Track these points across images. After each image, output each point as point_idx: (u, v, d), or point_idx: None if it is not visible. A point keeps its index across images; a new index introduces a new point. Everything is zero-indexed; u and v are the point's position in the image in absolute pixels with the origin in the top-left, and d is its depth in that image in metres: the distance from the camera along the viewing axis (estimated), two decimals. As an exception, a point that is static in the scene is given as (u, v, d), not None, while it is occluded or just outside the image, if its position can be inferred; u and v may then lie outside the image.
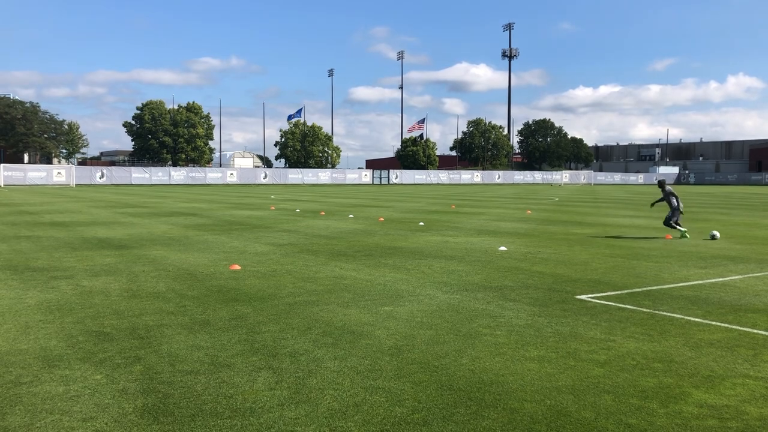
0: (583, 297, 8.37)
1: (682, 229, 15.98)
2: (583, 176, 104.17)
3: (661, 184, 16.83)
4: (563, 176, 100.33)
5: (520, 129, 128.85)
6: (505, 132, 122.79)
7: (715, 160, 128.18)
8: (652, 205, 18.60)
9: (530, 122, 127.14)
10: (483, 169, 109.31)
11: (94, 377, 5.04)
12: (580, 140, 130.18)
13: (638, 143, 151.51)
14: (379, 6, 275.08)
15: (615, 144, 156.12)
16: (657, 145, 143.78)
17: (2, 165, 68.50)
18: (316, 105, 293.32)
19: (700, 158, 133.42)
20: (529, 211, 26.61)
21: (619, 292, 8.70)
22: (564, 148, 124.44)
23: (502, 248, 13.32)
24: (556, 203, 34.94)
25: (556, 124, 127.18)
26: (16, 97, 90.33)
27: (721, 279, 9.88)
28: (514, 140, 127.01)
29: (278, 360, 5.51)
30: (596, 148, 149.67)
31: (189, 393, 4.69)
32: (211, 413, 4.32)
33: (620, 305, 7.86)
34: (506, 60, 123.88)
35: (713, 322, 7.01)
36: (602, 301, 8.09)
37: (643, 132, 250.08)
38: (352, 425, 4.14)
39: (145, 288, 8.80)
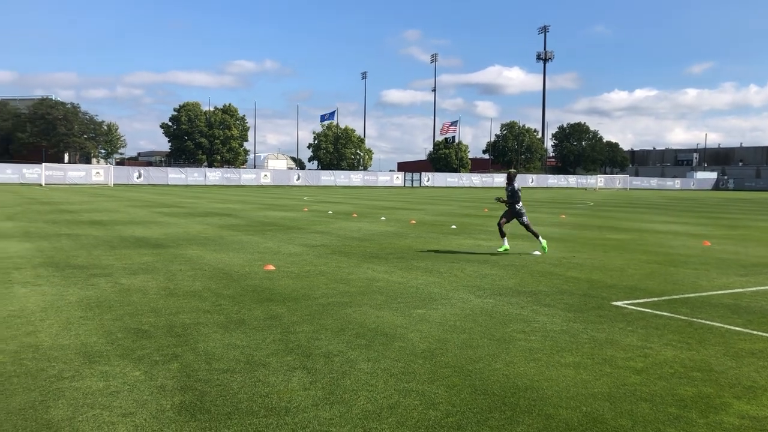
0: (618, 303, 8.25)
1: (543, 240, 13.32)
2: (619, 181, 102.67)
3: (511, 177, 13.62)
4: (598, 180, 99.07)
5: (554, 132, 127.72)
6: (539, 135, 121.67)
7: (756, 165, 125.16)
8: (499, 200, 13.90)
9: (565, 126, 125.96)
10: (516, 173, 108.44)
11: (133, 374, 5.14)
12: (616, 144, 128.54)
13: (675, 148, 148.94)
14: (411, 9, 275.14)
15: (651, 148, 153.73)
16: (695, 150, 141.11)
17: (44, 164, 70.22)
18: (348, 107, 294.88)
19: (740, 163, 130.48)
20: (564, 216, 26.33)
21: (655, 299, 8.57)
22: (599, 152, 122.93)
23: (536, 253, 13.21)
24: (591, 208, 34.51)
25: (591, 128, 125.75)
26: (58, 98, 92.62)
27: (762, 287, 9.65)
28: (548, 144, 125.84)
29: (312, 360, 5.55)
30: (632, 152, 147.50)
31: (225, 391, 4.76)
32: (247, 412, 4.37)
33: (657, 312, 7.73)
34: (540, 63, 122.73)
35: (755, 332, 6.86)
36: (639, 308, 7.97)
37: (680, 136, 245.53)
38: (386, 427, 4.15)
39: (181, 287, 8.94)
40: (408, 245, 14.53)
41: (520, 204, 13.45)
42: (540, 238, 13.33)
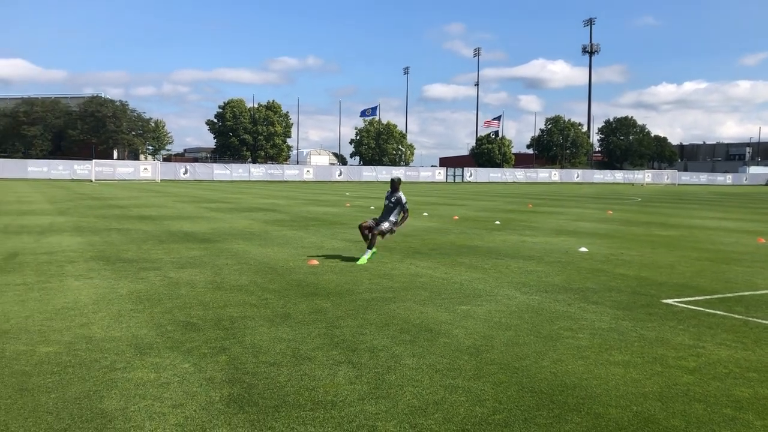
0: (669, 301, 8.05)
1: (371, 251, 11.19)
2: (667, 176, 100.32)
3: (395, 184, 11.73)
4: (645, 176, 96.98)
5: (600, 127, 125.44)
6: (585, 129, 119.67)
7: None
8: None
9: (611, 120, 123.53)
10: (561, 168, 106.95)
11: (183, 365, 5.23)
12: (664, 139, 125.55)
13: (726, 142, 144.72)
14: (454, 3, 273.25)
15: (701, 143, 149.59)
16: (747, 144, 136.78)
17: (94, 161, 72.18)
18: (390, 103, 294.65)
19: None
20: (610, 212, 25.84)
21: (708, 297, 8.33)
22: (647, 147, 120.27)
23: (583, 249, 12.99)
24: (638, 203, 33.80)
25: (639, 122, 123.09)
26: (107, 96, 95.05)
27: (821, 286, 9.30)
28: (594, 138, 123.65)
29: (357, 355, 5.57)
30: (681, 147, 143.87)
31: (272, 384, 4.81)
32: (294, 405, 4.41)
33: (709, 311, 7.52)
34: (585, 56, 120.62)
35: (813, 332, 6.60)
36: (690, 306, 7.76)
37: (732, 130, 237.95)
38: (432, 423, 4.13)
39: (228, 281, 9.07)
40: (451, 241, 14.46)
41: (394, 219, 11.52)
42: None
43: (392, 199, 11.53)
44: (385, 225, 11.36)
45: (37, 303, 7.48)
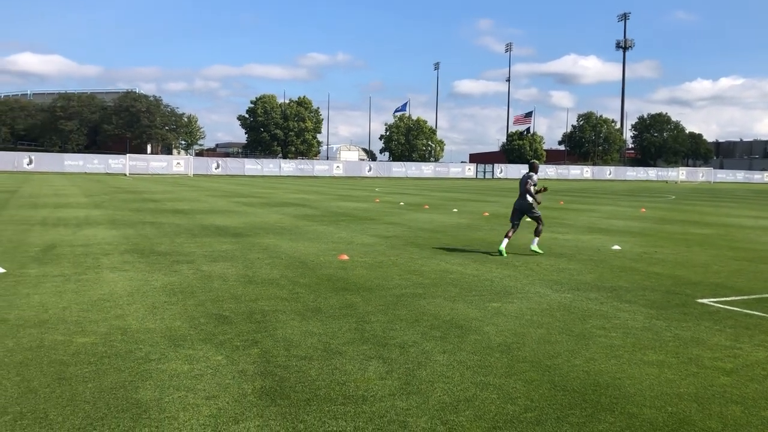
0: (704, 301, 7.90)
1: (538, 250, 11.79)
2: (702, 173, 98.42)
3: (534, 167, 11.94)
4: (680, 173, 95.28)
5: (633, 123, 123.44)
6: (618, 126, 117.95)
7: None
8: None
9: (645, 116, 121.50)
10: (593, 165, 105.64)
11: (215, 358, 5.29)
12: (699, 135, 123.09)
13: (764, 139, 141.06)
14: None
15: (738, 140, 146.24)
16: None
17: (128, 155, 73.38)
18: (419, 98, 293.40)
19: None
20: (644, 209, 25.45)
21: (745, 297, 8.16)
22: (681, 144, 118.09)
23: (616, 247, 12.82)
24: (672, 201, 33.23)
25: (673, 119, 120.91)
26: (141, 92, 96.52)
27: None
28: (627, 135, 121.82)
29: (388, 350, 5.58)
30: (716, 144, 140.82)
31: (304, 377, 4.84)
32: (325, 398, 4.43)
33: (747, 311, 7.36)
34: (617, 51, 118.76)
35: None
36: (726, 306, 7.61)
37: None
38: (463, 420, 4.12)
39: (260, 274, 9.15)
40: (481, 237, 14.38)
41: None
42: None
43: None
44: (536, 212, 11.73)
45: (74, 294, 7.64)
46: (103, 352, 5.40)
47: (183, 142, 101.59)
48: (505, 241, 11.65)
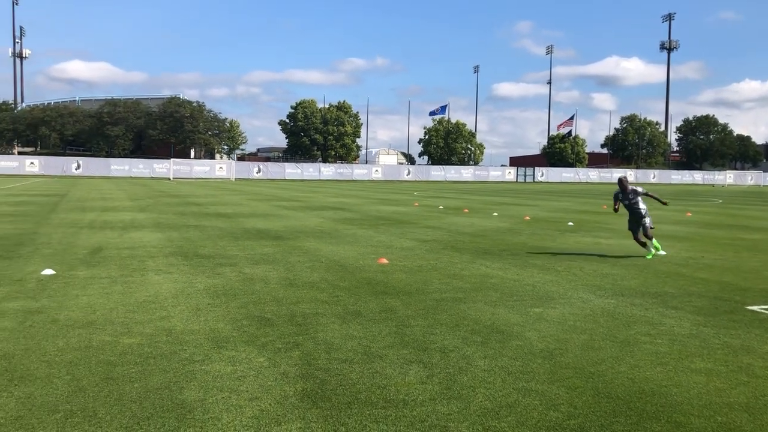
0: (754, 308, 7.67)
1: (653, 244, 12.03)
2: (751, 177, 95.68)
3: (622, 183, 12.08)
4: (727, 177, 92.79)
5: (678, 126, 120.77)
6: (662, 129, 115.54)
7: None
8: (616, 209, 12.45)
9: (691, 118, 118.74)
10: (637, 168, 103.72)
11: (258, 360, 5.36)
12: (747, 138, 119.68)
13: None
14: (522, 1, 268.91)
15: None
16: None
17: (172, 159, 74.86)
18: (459, 102, 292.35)
19: None
20: (689, 213, 24.86)
21: (798, 305, 7.89)
22: (729, 147, 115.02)
23: (661, 252, 12.54)
24: (719, 206, 32.38)
25: (720, 121, 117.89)
26: (185, 97, 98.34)
27: None
28: (672, 137, 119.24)
29: (428, 354, 5.56)
30: (766, 146, 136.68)
31: (344, 381, 4.86)
32: (366, 402, 4.44)
33: (800, 319, 7.12)
34: (660, 53, 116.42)
35: None
36: (778, 314, 7.37)
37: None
38: (505, 426, 4.08)
39: (300, 277, 9.23)
40: (522, 242, 14.25)
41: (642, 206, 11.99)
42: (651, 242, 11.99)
43: (630, 197, 11.95)
44: (647, 220, 11.84)
45: (120, 296, 7.82)
46: (149, 352, 5.51)
47: (225, 147, 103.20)
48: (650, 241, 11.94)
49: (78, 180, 62.49)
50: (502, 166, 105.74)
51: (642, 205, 11.97)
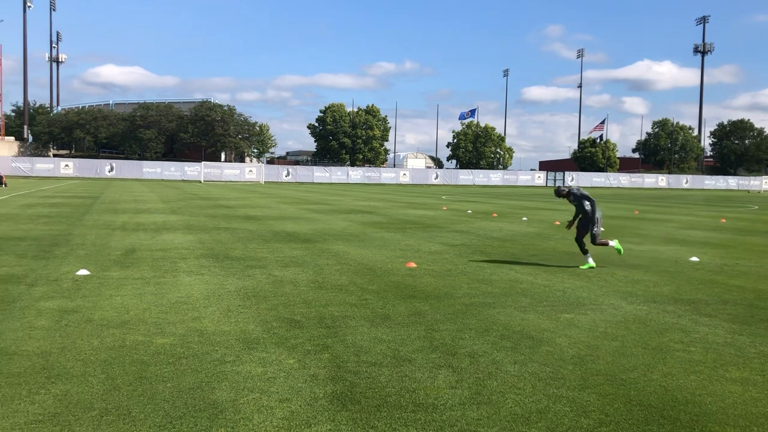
0: (792, 317, 7.50)
1: (612, 243, 11.41)
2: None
3: (560, 192, 11.38)
4: (763, 182, 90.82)
5: (712, 130, 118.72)
6: (695, 133, 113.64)
7: None
8: (569, 227, 11.46)
9: (725, 123, 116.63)
10: (669, 173, 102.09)
11: (288, 361, 5.40)
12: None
13: None
14: (553, 5, 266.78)
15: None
16: None
17: (203, 162, 75.74)
18: (488, 106, 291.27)
19: None
20: (724, 220, 24.40)
21: (837, 314, 7.69)
22: (765, 152, 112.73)
23: (694, 259, 12.34)
24: (755, 212, 31.71)
25: (756, 125, 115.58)
26: (216, 101, 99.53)
27: None
28: (706, 142, 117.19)
29: (457, 359, 5.55)
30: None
31: (374, 384, 4.87)
32: (395, 405, 4.44)
33: (840, 329, 6.94)
34: (692, 56, 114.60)
35: None
36: (817, 323, 7.19)
37: None
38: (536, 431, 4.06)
39: (329, 280, 9.28)
40: (552, 247, 14.13)
41: (588, 208, 11.11)
42: (611, 243, 11.39)
43: (572, 200, 11.26)
44: (596, 228, 11.11)
45: (153, 296, 7.94)
46: (181, 353, 5.58)
47: (255, 150, 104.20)
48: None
49: (111, 182, 63.62)
50: (531, 170, 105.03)
51: (589, 207, 11.09)
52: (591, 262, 11.08)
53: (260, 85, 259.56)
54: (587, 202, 11.11)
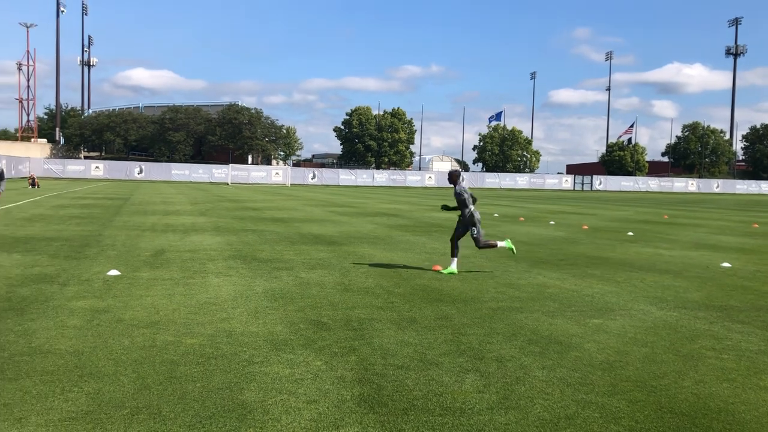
0: (828, 325, 7.33)
1: (502, 243, 10.73)
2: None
3: (453, 176, 10.93)
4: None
5: (745, 134, 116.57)
6: (726, 137, 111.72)
7: None
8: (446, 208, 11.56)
9: (758, 126, 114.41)
10: (699, 177, 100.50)
11: (315, 363, 5.42)
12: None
13: None
14: (581, 7, 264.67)
15: None
16: None
17: (230, 165, 76.47)
18: (515, 109, 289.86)
19: None
20: (756, 225, 23.94)
21: None
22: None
23: (726, 264, 12.13)
24: (788, 217, 31.05)
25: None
26: (243, 104, 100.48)
27: None
28: (737, 146, 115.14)
29: (485, 363, 5.52)
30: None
31: (401, 387, 4.87)
32: (423, 409, 4.44)
33: None
34: (724, 59, 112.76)
35: None
36: None
37: None
38: (564, 438, 4.02)
39: (355, 282, 9.30)
40: (580, 252, 13.99)
41: (469, 210, 10.57)
42: (500, 244, 10.73)
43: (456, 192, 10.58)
44: (475, 230, 10.53)
45: (182, 297, 8.04)
46: (210, 353, 5.64)
47: (282, 153, 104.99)
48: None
49: (140, 184, 64.56)
50: (558, 173, 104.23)
51: (471, 207, 10.57)
52: (454, 267, 10.48)
53: (287, 89, 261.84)
54: (466, 210, 10.53)
